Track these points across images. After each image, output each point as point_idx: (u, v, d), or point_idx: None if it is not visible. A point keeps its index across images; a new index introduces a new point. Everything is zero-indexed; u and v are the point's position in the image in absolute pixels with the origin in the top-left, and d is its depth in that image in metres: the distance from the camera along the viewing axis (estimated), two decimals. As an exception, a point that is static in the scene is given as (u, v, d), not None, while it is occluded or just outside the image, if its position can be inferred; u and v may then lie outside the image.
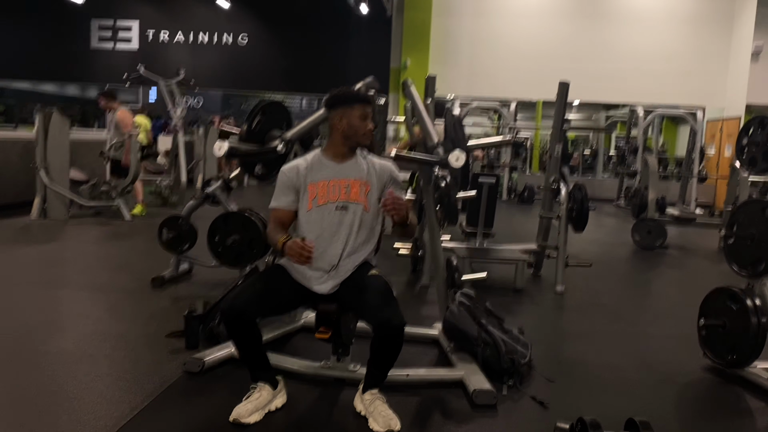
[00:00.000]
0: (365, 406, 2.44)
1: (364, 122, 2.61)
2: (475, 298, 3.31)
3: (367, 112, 2.62)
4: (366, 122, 2.61)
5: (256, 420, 2.40)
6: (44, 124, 7.14)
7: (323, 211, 2.57)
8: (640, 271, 6.35)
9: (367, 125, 2.62)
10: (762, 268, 3.03)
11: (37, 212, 7.16)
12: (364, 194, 2.59)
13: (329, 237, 2.56)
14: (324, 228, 2.56)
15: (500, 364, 2.94)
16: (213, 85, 17.02)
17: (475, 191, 5.32)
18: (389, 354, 2.43)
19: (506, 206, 11.60)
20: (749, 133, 3.24)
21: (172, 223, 4.57)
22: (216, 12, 16.12)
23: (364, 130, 2.62)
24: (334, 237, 2.56)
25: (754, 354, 3.03)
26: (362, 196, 2.58)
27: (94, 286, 4.44)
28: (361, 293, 2.46)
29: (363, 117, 2.60)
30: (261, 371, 2.53)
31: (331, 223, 2.57)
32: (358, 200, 2.58)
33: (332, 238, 2.56)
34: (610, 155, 16.94)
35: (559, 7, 13.90)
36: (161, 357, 3.08)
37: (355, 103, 2.61)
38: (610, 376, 3.18)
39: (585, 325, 4.16)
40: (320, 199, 2.58)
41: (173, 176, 9.26)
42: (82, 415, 2.42)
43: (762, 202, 3.10)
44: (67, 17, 16.71)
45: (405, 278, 5.15)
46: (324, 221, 2.57)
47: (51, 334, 3.40)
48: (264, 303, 2.49)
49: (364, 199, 2.59)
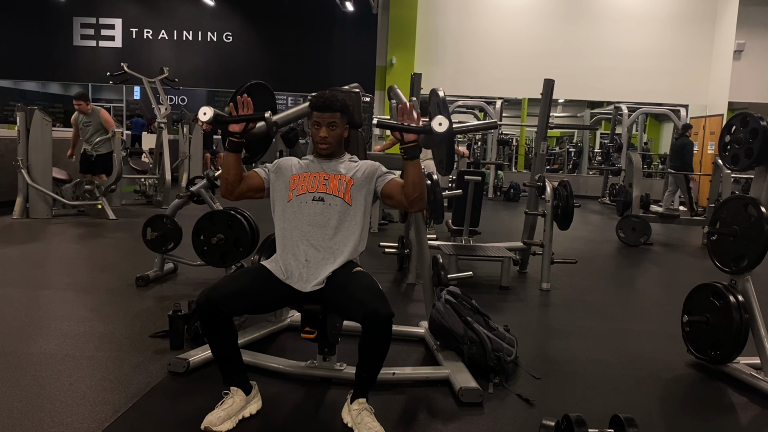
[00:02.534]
0: (352, 417, 2.38)
1: (316, 129, 2.61)
2: (462, 295, 3.32)
3: (321, 119, 2.59)
4: (319, 129, 2.60)
5: (228, 428, 2.33)
6: (26, 123, 7.07)
7: (301, 201, 2.56)
8: (625, 267, 6.39)
9: (319, 132, 2.60)
10: (744, 265, 3.06)
11: (19, 212, 7.09)
12: (345, 189, 2.57)
13: (308, 228, 2.53)
14: (302, 220, 2.54)
15: (486, 361, 2.95)
16: (197, 84, 16.91)
17: (460, 190, 5.36)
18: (378, 350, 2.38)
19: (492, 204, 11.64)
20: (731, 130, 3.26)
21: (156, 222, 4.54)
22: (200, 10, 16.03)
23: (316, 137, 2.61)
24: (313, 228, 2.53)
25: (736, 350, 3.06)
26: (342, 191, 2.56)
27: (77, 286, 4.40)
28: (346, 290, 2.43)
29: (316, 124, 2.61)
30: (234, 374, 2.48)
31: (309, 213, 2.54)
32: (336, 193, 2.56)
33: (311, 229, 2.53)
34: (595, 152, 17.05)
35: (544, 6, 13.96)
36: (145, 357, 3.05)
37: (312, 109, 2.63)
38: (595, 372, 3.20)
39: (570, 322, 4.18)
40: (299, 189, 2.58)
41: (158, 175, 9.20)
42: (64, 416, 2.39)
43: (744, 199, 3.12)
44: (49, 15, 16.54)
45: (391, 276, 5.15)
46: (302, 212, 2.55)
47: (33, 335, 3.36)
48: (242, 300, 2.43)
49: (345, 194, 2.56)
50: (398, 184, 2.58)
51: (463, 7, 13.81)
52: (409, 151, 2.45)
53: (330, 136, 2.60)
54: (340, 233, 2.56)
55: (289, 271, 2.52)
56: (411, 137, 2.43)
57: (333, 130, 2.61)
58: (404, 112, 2.45)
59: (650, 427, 2.56)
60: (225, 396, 2.43)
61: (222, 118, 2.52)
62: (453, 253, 4.98)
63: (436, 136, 2.37)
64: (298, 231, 2.54)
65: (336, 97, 2.62)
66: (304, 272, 2.50)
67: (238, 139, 2.54)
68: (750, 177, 5.08)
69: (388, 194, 2.60)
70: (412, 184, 2.48)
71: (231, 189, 2.61)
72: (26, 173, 7.05)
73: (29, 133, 7.09)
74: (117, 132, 8.22)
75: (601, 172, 14.15)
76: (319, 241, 2.53)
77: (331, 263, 2.51)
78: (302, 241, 2.53)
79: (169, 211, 4.58)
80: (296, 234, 2.54)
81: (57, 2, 15.76)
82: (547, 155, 5.69)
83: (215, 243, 4.15)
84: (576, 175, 15.46)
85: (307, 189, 2.58)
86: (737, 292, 3.08)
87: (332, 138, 2.61)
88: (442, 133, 2.35)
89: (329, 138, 2.60)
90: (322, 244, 2.53)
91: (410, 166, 2.46)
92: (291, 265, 2.52)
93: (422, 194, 2.52)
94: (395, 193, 2.57)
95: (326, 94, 2.63)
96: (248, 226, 4.15)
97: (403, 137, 2.43)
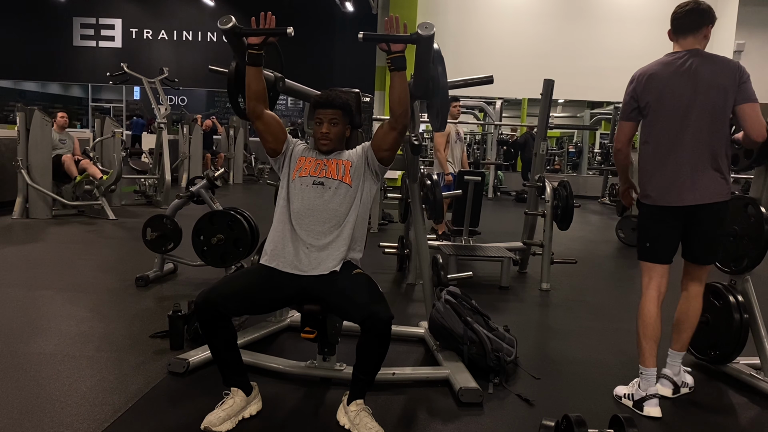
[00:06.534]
0: (350, 418, 2.37)
1: (318, 126, 2.63)
2: (461, 296, 3.32)
3: (323, 115, 2.61)
4: (321, 126, 2.62)
5: (228, 428, 2.33)
6: (26, 123, 7.07)
7: (302, 183, 2.58)
8: (625, 267, 6.38)
9: (321, 128, 2.62)
10: (744, 265, 3.06)
11: (19, 212, 7.09)
12: (345, 171, 2.59)
13: (309, 211, 2.54)
14: (304, 203, 2.56)
15: (486, 362, 2.95)
16: (197, 84, 16.93)
17: (460, 190, 5.36)
18: (377, 353, 2.37)
19: (492, 204, 11.64)
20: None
21: (156, 222, 4.54)
22: (200, 10, 16.04)
23: (317, 134, 2.63)
24: (314, 211, 2.54)
25: (736, 350, 3.06)
26: (341, 174, 2.58)
27: (77, 286, 4.40)
28: (346, 291, 2.42)
29: (318, 121, 2.63)
30: (234, 375, 2.47)
31: (310, 196, 2.56)
32: (335, 177, 2.58)
33: (313, 212, 2.54)
34: (595, 153, 17.06)
35: (544, 6, 13.96)
36: (145, 358, 3.05)
37: (314, 106, 2.65)
38: (595, 373, 3.20)
39: (570, 322, 4.18)
40: (302, 171, 2.61)
41: (157, 175, 9.20)
42: (64, 417, 2.39)
43: (744, 199, 3.12)
44: (49, 15, 16.55)
45: (391, 277, 5.15)
46: (304, 195, 2.57)
47: (33, 335, 3.36)
48: (241, 300, 2.42)
49: (345, 176, 2.58)
50: (382, 126, 2.62)
51: (463, 7, 13.81)
52: (395, 61, 2.48)
53: (331, 132, 2.61)
54: (340, 217, 2.55)
55: (291, 258, 2.50)
56: (398, 47, 2.45)
57: (335, 126, 2.62)
58: (390, 24, 2.46)
59: (650, 427, 2.57)
60: (225, 396, 2.43)
61: (242, 30, 2.53)
62: (453, 253, 4.98)
63: (424, 41, 2.41)
64: (295, 216, 2.55)
65: (338, 95, 2.65)
66: (304, 259, 2.50)
67: (257, 51, 2.53)
68: (750, 177, 5.08)
69: (378, 139, 2.62)
70: (398, 98, 2.50)
71: (253, 107, 2.58)
72: (26, 173, 7.05)
73: (29, 133, 7.09)
74: (117, 132, 8.24)
75: (600, 172, 14.15)
76: (318, 225, 2.53)
77: (332, 248, 2.51)
78: (300, 227, 2.54)
79: (169, 212, 4.58)
80: (294, 219, 2.55)
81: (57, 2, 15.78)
82: (547, 155, 5.70)
83: (215, 243, 4.15)
84: (576, 175, 15.46)
85: (309, 172, 2.60)
86: (737, 292, 3.08)
87: (333, 134, 2.62)
88: (428, 37, 2.39)
89: (330, 134, 2.61)
90: (321, 229, 2.53)
91: (396, 77, 2.50)
92: (288, 248, 2.52)
93: (407, 109, 2.54)
94: (381, 132, 2.60)
95: (328, 92, 2.65)
96: (248, 227, 4.15)
97: (390, 47, 2.45)
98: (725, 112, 2.65)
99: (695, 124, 2.66)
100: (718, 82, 2.63)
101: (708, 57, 2.71)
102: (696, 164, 2.66)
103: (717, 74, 2.64)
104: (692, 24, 2.74)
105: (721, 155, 2.67)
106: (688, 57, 2.71)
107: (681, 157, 2.68)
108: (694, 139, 2.66)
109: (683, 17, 2.76)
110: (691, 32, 2.75)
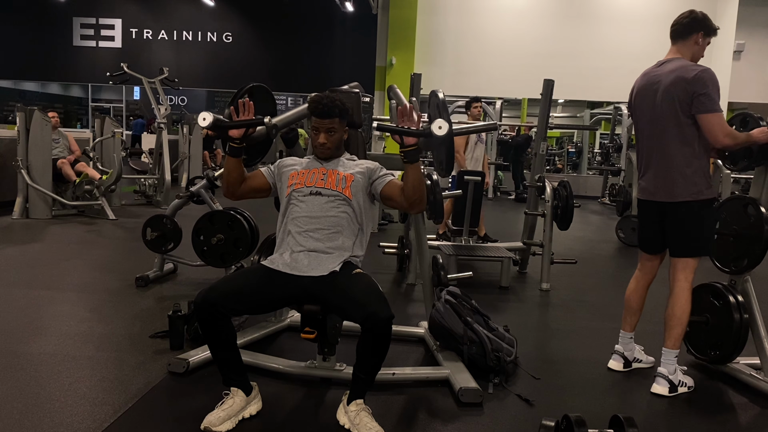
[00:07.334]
0: (350, 418, 2.36)
1: (315, 134, 2.63)
2: (461, 296, 3.32)
3: (320, 125, 2.61)
4: (317, 135, 2.62)
5: (228, 428, 2.33)
6: (26, 123, 7.07)
7: (298, 194, 2.60)
8: (625, 267, 6.36)
9: (318, 138, 2.61)
10: (744, 265, 3.06)
11: (19, 212, 7.09)
12: (345, 184, 2.59)
13: (306, 221, 2.56)
14: (302, 210, 2.57)
15: (486, 362, 2.95)
16: (197, 84, 16.93)
17: (460, 190, 5.36)
18: (377, 353, 2.37)
19: (492, 204, 11.64)
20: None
21: (156, 222, 4.53)
22: (200, 10, 16.03)
23: (315, 143, 2.64)
24: (313, 218, 2.55)
25: (736, 350, 3.06)
26: (341, 186, 2.59)
27: (77, 286, 4.40)
28: (346, 291, 2.42)
29: (314, 129, 2.64)
30: (234, 374, 2.47)
31: (306, 207, 2.57)
32: (334, 188, 2.58)
33: (309, 221, 2.55)
34: (595, 152, 17.05)
35: (544, 6, 13.96)
36: (145, 358, 3.05)
37: (311, 114, 2.64)
38: (595, 373, 3.20)
39: (570, 322, 4.18)
40: (297, 185, 2.62)
41: (157, 175, 9.20)
42: (64, 417, 2.39)
43: (744, 199, 3.12)
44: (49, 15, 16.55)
45: (391, 277, 5.15)
46: (302, 204, 2.58)
47: (33, 335, 3.36)
48: (240, 300, 2.41)
49: (345, 189, 2.59)
50: (398, 185, 2.58)
51: (463, 7, 13.81)
52: (409, 154, 2.45)
53: (329, 142, 2.63)
54: (339, 226, 2.56)
55: (289, 260, 2.52)
56: (411, 140, 2.42)
57: (332, 136, 2.63)
58: (404, 114, 2.45)
59: (650, 427, 2.57)
60: (225, 396, 2.43)
61: (222, 123, 2.52)
62: (453, 253, 4.98)
63: (436, 139, 2.36)
64: (294, 224, 2.57)
65: (334, 101, 2.60)
66: (304, 260, 2.50)
67: (238, 144, 2.56)
68: (750, 177, 5.08)
69: (387, 196, 2.62)
70: (412, 187, 2.49)
71: (233, 191, 2.67)
72: (26, 173, 7.05)
73: (29, 133, 7.09)
74: (117, 132, 8.23)
75: (600, 172, 14.14)
76: (317, 233, 2.54)
77: (331, 253, 2.52)
78: (299, 233, 2.55)
79: (169, 212, 4.58)
80: (293, 227, 2.57)
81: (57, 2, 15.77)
82: (547, 155, 5.70)
83: (215, 243, 4.14)
84: (576, 175, 15.45)
85: (305, 184, 2.61)
86: (737, 292, 3.08)
87: (331, 143, 2.64)
88: (441, 137, 2.35)
89: (328, 144, 2.63)
90: (320, 236, 2.54)
91: (410, 170, 2.47)
92: (287, 256, 2.53)
93: (422, 197, 2.53)
94: (395, 195, 2.58)
95: (324, 99, 2.60)
96: (248, 226, 4.15)
97: (403, 140, 2.43)
98: (678, 120, 2.84)
99: (657, 133, 2.93)
100: (672, 94, 2.84)
101: (674, 68, 2.88)
102: (657, 170, 2.96)
103: (674, 85, 2.83)
104: (683, 30, 2.96)
105: (679, 162, 2.86)
106: (662, 66, 2.94)
107: (651, 161, 2.99)
108: (657, 146, 2.95)
109: (674, 24, 3.00)
110: (680, 38, 2.97)
